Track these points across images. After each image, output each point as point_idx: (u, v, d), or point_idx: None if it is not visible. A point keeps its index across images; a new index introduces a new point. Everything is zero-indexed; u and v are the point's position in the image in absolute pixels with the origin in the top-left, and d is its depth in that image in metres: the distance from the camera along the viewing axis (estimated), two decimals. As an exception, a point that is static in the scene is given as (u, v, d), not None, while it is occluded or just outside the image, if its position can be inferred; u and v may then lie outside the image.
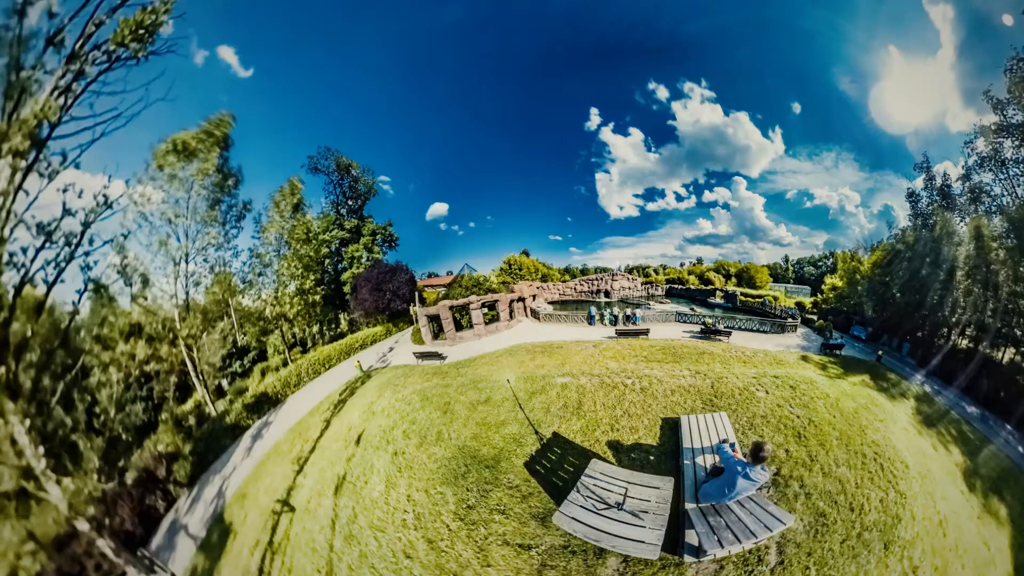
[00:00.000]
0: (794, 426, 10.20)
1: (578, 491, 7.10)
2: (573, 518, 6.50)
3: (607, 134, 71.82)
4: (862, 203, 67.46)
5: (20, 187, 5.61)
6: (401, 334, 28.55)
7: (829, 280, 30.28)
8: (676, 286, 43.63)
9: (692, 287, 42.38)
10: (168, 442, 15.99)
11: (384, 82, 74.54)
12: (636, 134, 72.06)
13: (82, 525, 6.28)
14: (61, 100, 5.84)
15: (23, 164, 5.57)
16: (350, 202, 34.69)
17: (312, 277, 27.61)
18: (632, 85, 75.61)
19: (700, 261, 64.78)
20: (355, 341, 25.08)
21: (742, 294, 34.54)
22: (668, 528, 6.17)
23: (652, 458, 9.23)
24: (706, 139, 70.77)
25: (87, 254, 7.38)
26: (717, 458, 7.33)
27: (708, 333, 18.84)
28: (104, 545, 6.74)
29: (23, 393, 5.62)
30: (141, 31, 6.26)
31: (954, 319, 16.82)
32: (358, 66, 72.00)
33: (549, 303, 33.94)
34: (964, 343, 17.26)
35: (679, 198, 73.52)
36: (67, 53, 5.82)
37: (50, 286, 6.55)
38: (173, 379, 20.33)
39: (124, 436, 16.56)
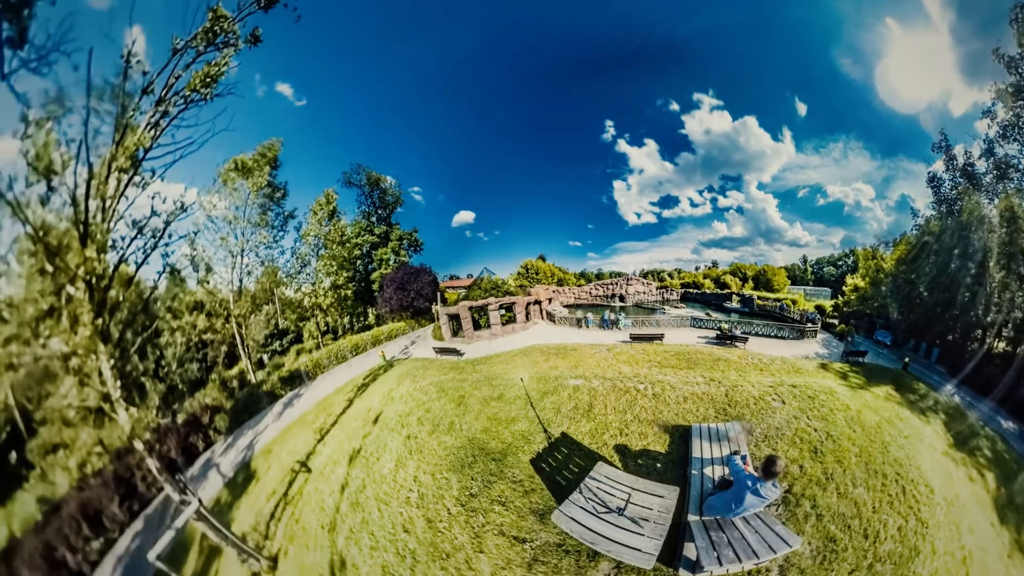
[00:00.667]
0: (811, 440, 9.32)
1: (580, 492, 6.83)
2: (572, 518, 6.25)
3: (623, 145, 70.75)
4: (877, 195, 61.13)
5: (122, 194, 7.69)
6: (423, 330, 29.22)
7: (850, 280, 27.49)
8: (691, 290, 41.86)
9: (707, 291, 40.36)
10: (214, 397, 18.31)
11: (415, 103, 79.07)
12: (651, 144, 70.31)
13: (138, 444, 7.87)
14: (152, 132, 8.01)
15: (125, 178, 7.64)
16: (379, 211, 37.05)
17: (345, 275, 31.55)
18: (642, 97, 75.00)
19: (715, 264, 61.44)
20: (380, 333, 26.35)
21: (759, 298, 32.51)
22: (667, 539, 5.80)
23: (659, 465, 8.75)
24: (720, 146, 67.77)
25: (166, 245, 9.28)
26: (726, 470, 6.80)
27: (724, 339, 17.86)
28: (152, 463, 8.27)
29: (111, 340, 7.34)
30: (208, 79, 8.28)
31: (988, 319, 14.41)
32: (392, 90, 77.73)
33: (565, 307, 33.50)
34: (1001, 346, 14.89)
35: (693, 204, 70.95)
36: (155, 99, 8.01)
37: (138, 266, 8.35)
38: (224, 349, 24.13)
39: (180, 386, 20.51)
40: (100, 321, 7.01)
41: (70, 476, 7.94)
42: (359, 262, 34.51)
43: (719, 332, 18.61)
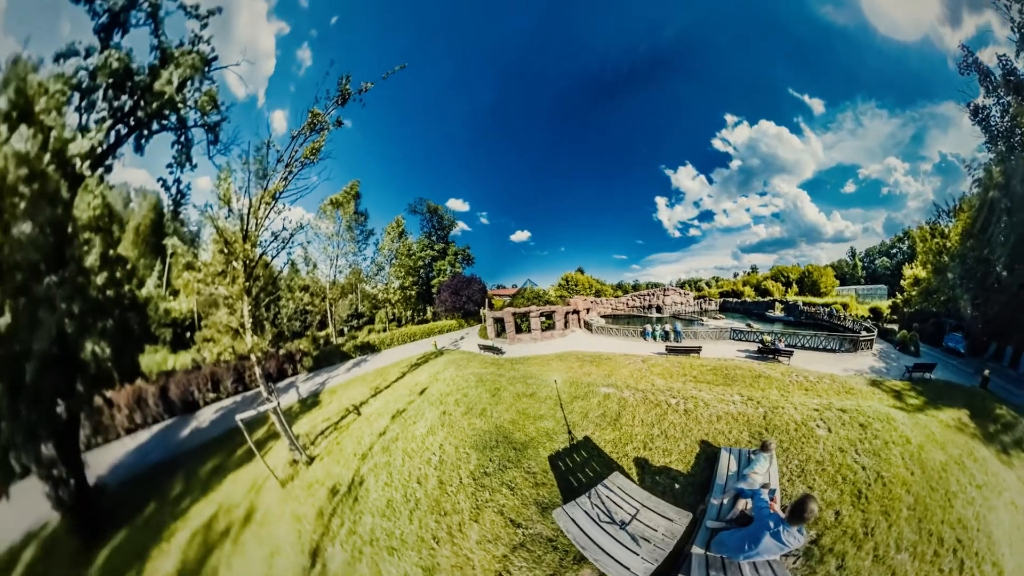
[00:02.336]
0: (855, 481, 7.28)
1: (589, 497, 6.27)
2: (572, 519, 5.75)
3: (665, 168, 67.47)
4: (907, 157, 48.49)
5: (266, 216, 11.11)
6: (471, 329, 31.47)
7: (909, 272, 20.73)
8: (730, 299, 37.58)
9: (748, 299, 36.00)
10: (306, 345, 24.18)
11: (479, 133, 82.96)
12: (688, 164, 66.38)
13: (253, 356, 11.00)
14: (284, 182, 11.28)
15: (268, 207, 11.09)
16: (438, 231, 43.57)
17: (410, 279, 38.38)
18: (675, 120, 72.07)
19: (755, 269, 53.50)
20: (435, 327, 30.70)
21: (804, 304, 28.11)
22: (663, 565, 5.01)
23: (677, 486, 7.69)
24: (748, 154, 61.04)
25: (291, 248, 12.99)
26: (749, 504, 5.64)
27: (766, 353, 15.71)
28: (257, 370, 11.30)
29: (251, 295, 10.78)
30: (313, 151, 11.41)
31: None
32: (460, 124, 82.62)
33: (602, 316, 32.19)
34: None
35: (727, 213, 64.95)
36: (284, 165, 11.28)
37: (272, 258, 13.32)
38: (318, 318, 31.88)
39: (286, 333, 27.70)
40: (247, 283, 10.59)
41: (212, 356, 11.27)
42: (421, 270, 40.72)
43: (761, 345, 16.49)
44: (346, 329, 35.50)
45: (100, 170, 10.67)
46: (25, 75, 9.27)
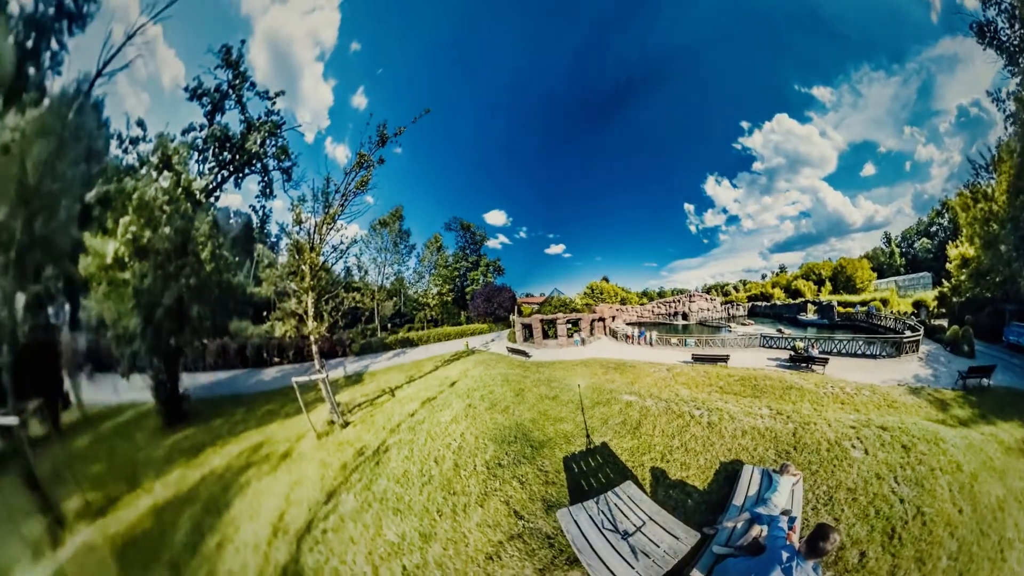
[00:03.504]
0: (890, 515, 5.86)
1: (597, 502, 5.96)
2: (574, 520, 5.52)
3: (693, 174, 63.87)
4: (920, 118, 38.45)
5: (327, 232, 13.15)
6: (500, 332, 32.47)
7: (954, 251, 16.47)
8: (759, 303, 34.37)
9: (778, 302, 32.54)
10: (356, 336, 27.53)
11: (517, 153, 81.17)
12: (714, 172, 61.97)
13: (312, 337, 12.83)
14: (341, 208, 13.31)
15: (329, 226, 13.17)
16: (471, 246, 47.24)
17: (447, 287, 42.21)
18: (696, 127, 66.08)
19: (783, 269, 46.84)
20: (467, 329, 32.44)
21: (839, 303, 24.85)
22: None
23: (690, 503, 7.04)
24: (774, 153, 54.77)
25: (346, 257, 16.61)
26: (764, 531, 4.95)
27: (798, 361, 14.22)
28: (314, 348, 13.05)
29: (315, 290, 12.80)
30: (362, 184, 13.39)
31: None
32: (500, 146, 79.65)
33: (627, 324, 31.05)
34: None
35: (751, 216, 59.38)
36: (340, 195, 13.30)
37: (332, 264, 15.08)
38: (367, 314, 34.86)
39: (340, 323, 32.69)
40: (312, 282, 12.59)
41: (280, 332, 13.30)
42: (456, 279, 43.98)
43: (792, 352, 14.94)
44: (389, 325, 38.97)
45: (211, 199, 15.56)
46: (165, 143, 14.54)
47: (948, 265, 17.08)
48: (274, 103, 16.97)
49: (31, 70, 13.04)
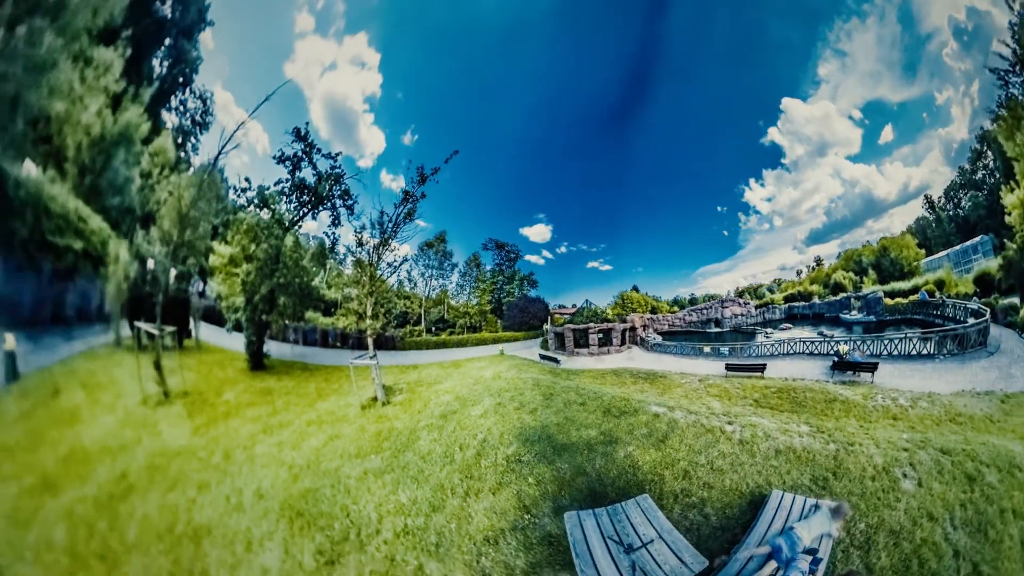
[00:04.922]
0: (938, 570, 4.47)
1: (608, 511, 5.65)
2: (579, 524, 5.27)
3: (723, 177, 58.36)
4: (911, 46, 22.19)
5: (383, 251, 15.51)
6: (533, 340, 32.89)
7: (1009, 197, 11.98)
8: (797, 303, 29.61)
9: (817, 300, 27.65)
10: (406, 334, 30.86)
11: (552, 176, 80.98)
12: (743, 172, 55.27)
13: (369, 332, 15.21)
14: (393, 234, 15.58)
15: (383, 246, 15.57)
16: (506, 262, 48.10)
17: (485, 299, 43.67)
18: (718, 129, 59.23)
19: (820, 262, 39.42)
20: (503, 336, 33.93)
21: (886, 294, 19.83)
22: None
23: (706, 528, 6.17)
24: (796, 140, 45.10)
25: (399, 272, 19.55)
26: (781, 573, 4.25)
27: (843, 368, 12.18)
28: (369, 340, 15.20)
29: (373, 296, 15.27)
30: (408, 214, 15.51)
31: None
32: (542, 163, 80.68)
33: (659, 333, 29.19)
34: None
35: (780, 215, 51.02)
36: (392, 223, 15.48)
37: (387, 277, 17.96)
38: (415, 318, 37.13)
39: (391, 322, 32.98)
40: (370, 289, 14.78)
41: (343, 324, 16.97)
42: (493, 292, 45.39)
43: (837, 358, 12.81)
44: (434, 328, 42.17)
45: (295, 227, 19.74)
46: (264, 192, 20.93)
47: (1007, 219, 12.53)
48: (336, 159, 21.75)
49: (182, 153, 19.94)
